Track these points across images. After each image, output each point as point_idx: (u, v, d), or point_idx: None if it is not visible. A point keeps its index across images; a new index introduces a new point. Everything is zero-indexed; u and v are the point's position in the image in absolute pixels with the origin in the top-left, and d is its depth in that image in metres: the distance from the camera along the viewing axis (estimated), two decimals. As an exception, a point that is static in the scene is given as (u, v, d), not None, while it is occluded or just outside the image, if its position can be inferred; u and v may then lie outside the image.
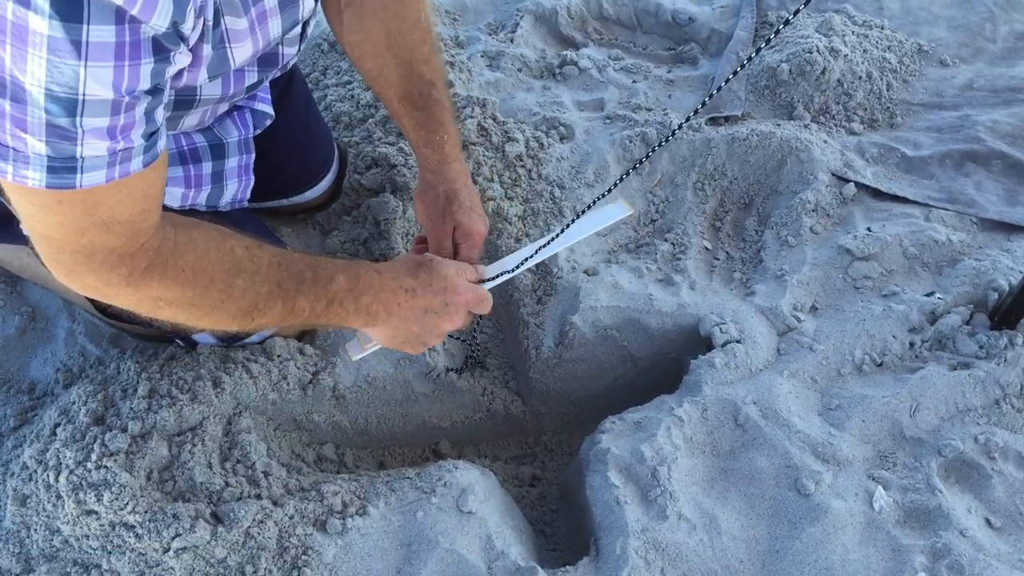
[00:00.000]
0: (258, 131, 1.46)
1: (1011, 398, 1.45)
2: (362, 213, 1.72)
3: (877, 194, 1.76)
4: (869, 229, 1.68)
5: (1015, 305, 1.49)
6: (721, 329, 1.55)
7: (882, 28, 2.05)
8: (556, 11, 2.13)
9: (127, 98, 0.87)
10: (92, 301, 1.51)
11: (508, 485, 1.61)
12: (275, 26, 1.10)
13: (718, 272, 1.71)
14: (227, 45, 1.03)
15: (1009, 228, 1.70)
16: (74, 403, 1.44)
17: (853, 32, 2.00)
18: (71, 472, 1.33)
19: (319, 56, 2.04)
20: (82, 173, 0.89)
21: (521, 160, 1.79)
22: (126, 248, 1.01)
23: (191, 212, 1.38)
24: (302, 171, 1.66)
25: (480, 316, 1.38)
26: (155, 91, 0.91)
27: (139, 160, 0.94)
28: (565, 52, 2.07)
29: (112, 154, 0.90)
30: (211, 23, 0.99)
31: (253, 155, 1.45)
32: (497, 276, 1.35)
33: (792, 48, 1.94)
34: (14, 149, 0.86)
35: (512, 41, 2.08)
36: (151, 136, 0.95)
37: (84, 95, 0.83)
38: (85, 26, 0.79)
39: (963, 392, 1.46)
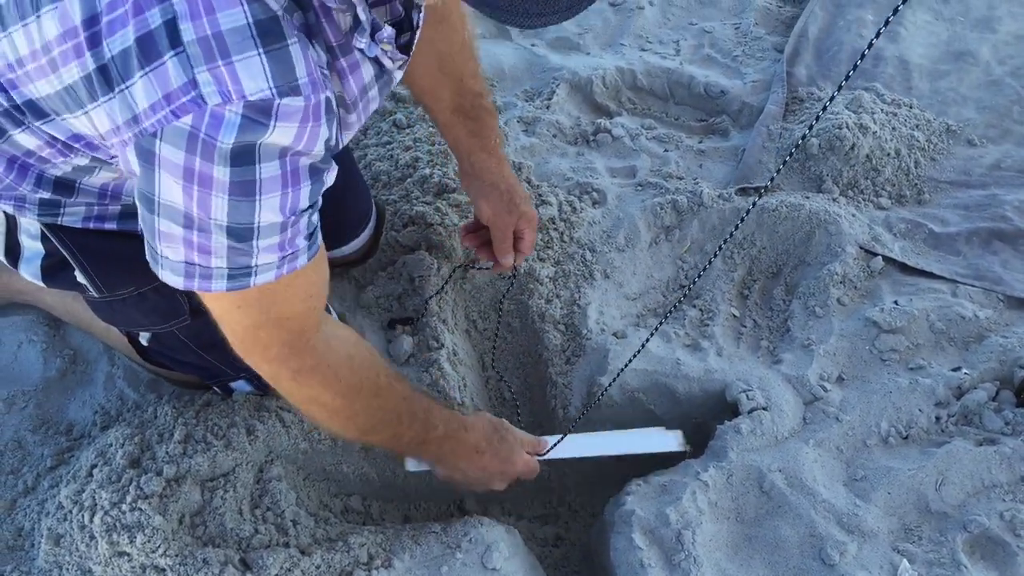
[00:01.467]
0: None
1: (1037, 476, 1.46)
2: (397, 269, 1.76)
3: (904, 268, 1.78)
4: (896, 302, 1.70)
5: (1042, 383, 1.50)
6: (748, 396, 1.56)
7: (911, 107, 2.10)
8: (591, 80, 2.19)
9: (292, 217, 1.01)
10: (133, 344, 1.56)
11: (531, 544, 1.61)
12: (375, 105, 1.21)
13: (745, 339, 1.74)
14: (340, 136, 1.14)
15: (1036, 306, 1.71)
16: (111, 445, 1.47)
17: (882, 110, 2.04)
18: (106, 513, 1.36)
19: (360, 116, 2.11)
20: (256, 276, 1.05)
21: (554, 223, 1.83)
22: (295, 343, 1.17)
23: None
24: (341, 226, 1.71)
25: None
26: (313, 205, 1.06)
27: (304, 257, 1.08)
28: (599, 120, 2.13)
29: (281, 259, 1.05)
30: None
31: None
32: (552, 448, 1.53)
33: (822, 123, 1.98)
34: (200, 265, 1.02)
35: (548, 108, 2.14)
36: (311, 235, 1.09)
37: (259, 224, 0.98)
38: (256, 167, 0.93)
39: (989, 468, 1.46)
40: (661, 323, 1.34)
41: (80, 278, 1.34)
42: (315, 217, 1.09)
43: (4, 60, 1.03)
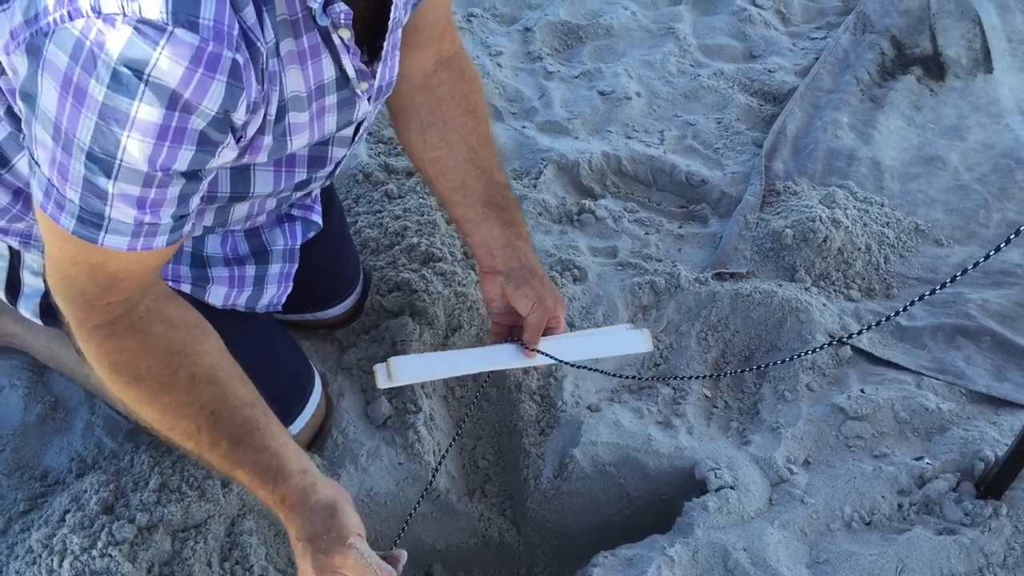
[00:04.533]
0: (305, 239, 1.57)
1: (994, 567, 1.49)
2: (380, 333, 1.80)
3: (872, 359, 1.84)
4: (863, 391, 1.75)
5: (1000, 476, 1.54)
6: (716, 474, 1.60)
7: (882, 205, 2.19)
8: (578, 163, 2.27)
9: (160, 174, 0.97)
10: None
11: (497, 614, 1.62)
12: (331, 121, 1.21)
13: (716, 420, 1.78)
14: (288, 137, 1.14)
15: (997, 402, 1.76)
16: (86, 491, 1.48)
17: (855, 207, 2.13)
18: (75, 558, 1.36)
19: (353, 186, 2.18)
20: (106, 233, 0.99)
21: (535, 297, 1.89)
22: (93, 296, 1.09)
23: (231, 312, 1.49)
24: (329, 289, 1.76)
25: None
26: (191, 176, 1.01)
27: (163, 239, 1.04)
28: (584, 201, 2.20)
29: (138, 225, 1.00)
30: (273, 118, 1.10)
31: (296, 265, 1.55)
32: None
33: (797, 216, 2.06)
34: (56, 188, 0.98)
35: (535, 187, 2.21)
36: (180, 219, 1.04)
37: (121, 161, 0.94)
38: (136, 102, 0.90)
39: (948, 557, 1.49)
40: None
41: None
42: (193, 202, 1.04)
43: None
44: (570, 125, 2.45)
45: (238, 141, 1.06)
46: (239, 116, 1.00)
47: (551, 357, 1.52)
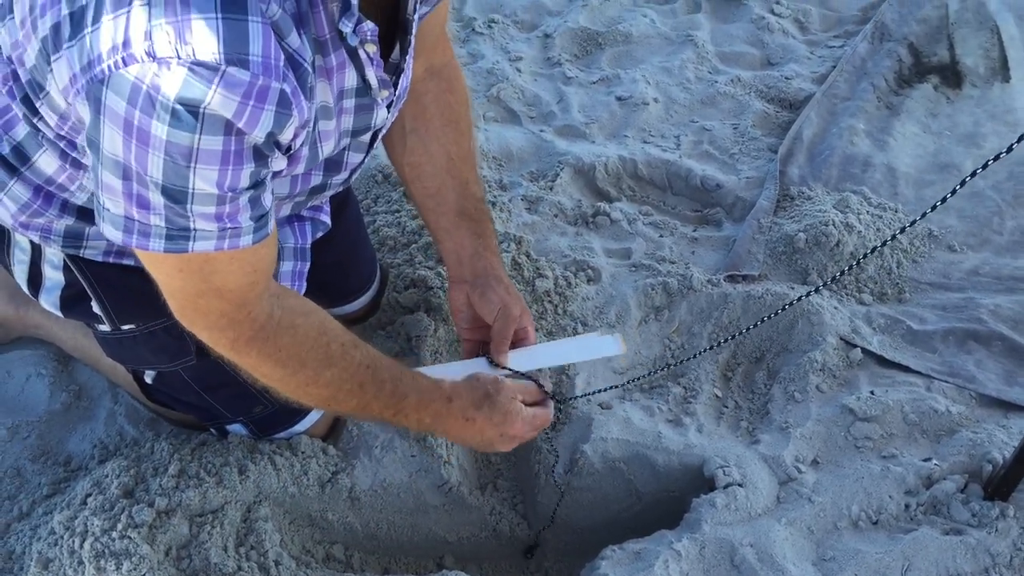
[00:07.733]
0: (315, 239, 1.60)
1: (1000, 567, 1.50)
2: (396, 329, 1.84)
3: (882, 361, 1.85)
4: (872, 392, 1.77)
5: (1008, 478, 1.55)
6: (724, 471, 1.62)
7: (896, 211, 2.20)
8: (595, 166, 2.30)
9: (230, 193, 1.03)
10: (138, 382, 1.62)
11: (506, 605, 1.65)
12: (347, 121, 1.26)
13: (726, 419, 1.80)
14: (319, 145, 1.20)
15: (1006, 406, 1.77)
16: (107, 476, 1.52)
17: (868, 212, 2.14)
18: (96, 539, 1.40)
19: (373, 186, 2.22)
20: (194, 241, 1.06)
21: (548, 296, 1.92)
22: (234, 314, 1.18)
23: None
24: (345, 286, 1.80)
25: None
26: (256, 185, 1.07)
27: (248, 238, 1.10)
28: (599, 204, 2.23)
29: (221, 230, 1.06)
30: (311, 130, 1.16)
31: (308, 263, 1.59)
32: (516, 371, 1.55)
33: (810, 220, 2.08)
34: (139, 221, 1.03)
35: (551, 189, 2.24)
36: (260, 219, 1.10)
37: (193, 190, 1.01)
38: (197, 136, 0.95)
39: (954, 557, 1.50)
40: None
41: (95, 308, 1.41)
42: (266, 199, 1.10)
43: (4, 49, 1.11)
44: (587, 129, 2.48)
45: (285, 152, 1.12)
46: (285, 136, 1.06)
47: (518, 373, 1.53)
